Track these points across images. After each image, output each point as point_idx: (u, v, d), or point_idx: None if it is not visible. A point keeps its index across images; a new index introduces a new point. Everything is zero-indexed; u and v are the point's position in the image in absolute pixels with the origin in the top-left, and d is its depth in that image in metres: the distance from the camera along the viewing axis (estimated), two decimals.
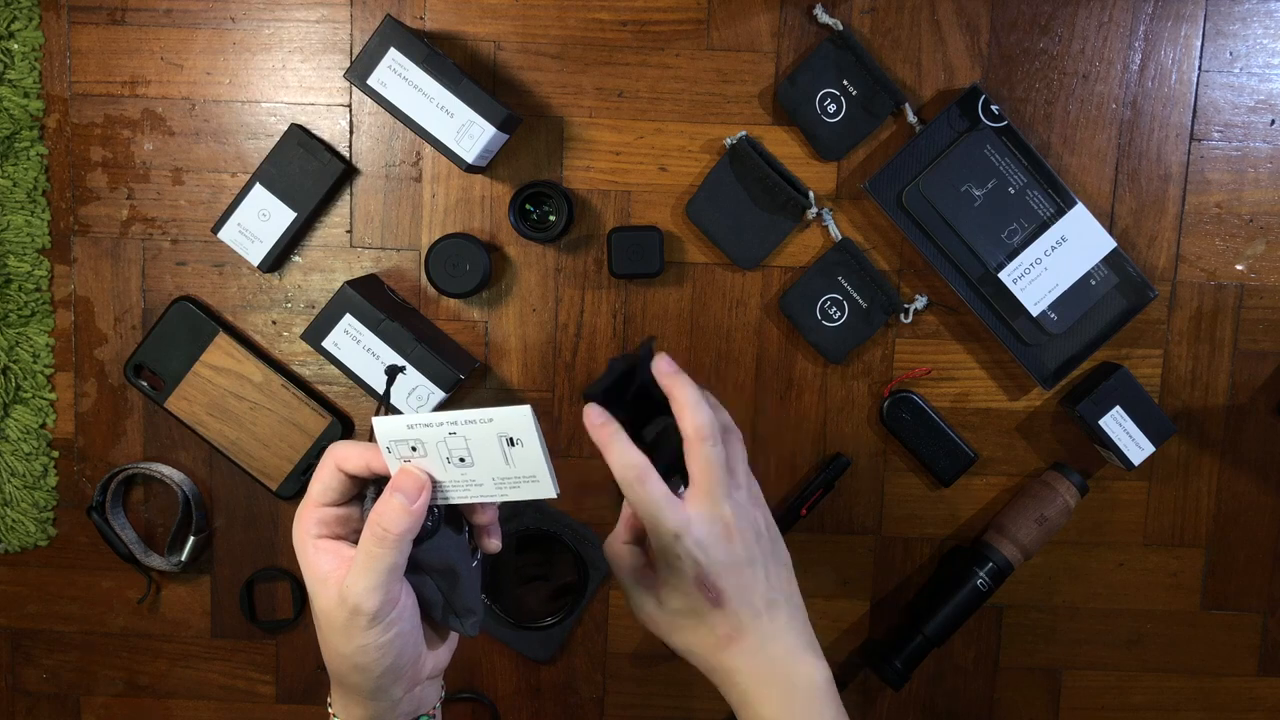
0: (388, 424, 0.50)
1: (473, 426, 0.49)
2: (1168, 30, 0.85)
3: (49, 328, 0.88)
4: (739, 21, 0.84)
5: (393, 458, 0.51)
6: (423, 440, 0.50)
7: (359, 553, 0.50)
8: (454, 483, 0.52)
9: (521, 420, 0.49)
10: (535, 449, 0.49)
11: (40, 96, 0.85)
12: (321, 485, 0.52)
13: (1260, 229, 0.87)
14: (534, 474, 0.50)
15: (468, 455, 0.50)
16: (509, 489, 0.51)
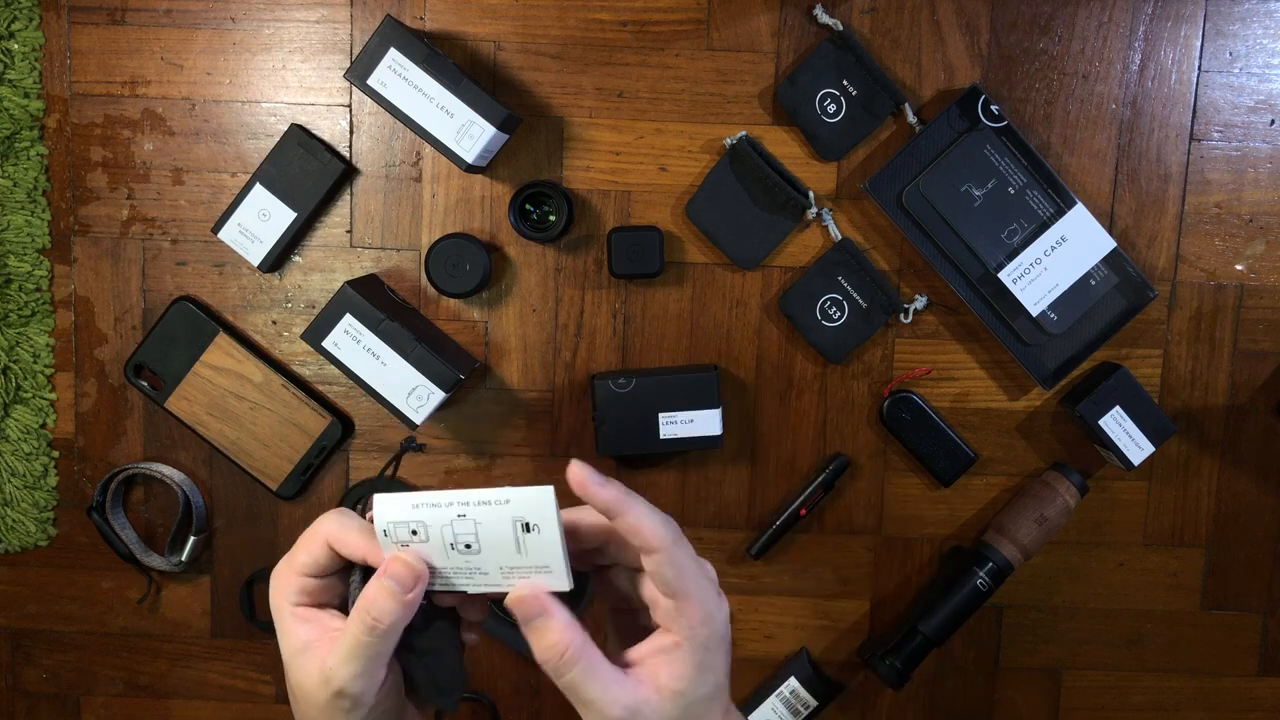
0: (391, 505, 0.46)
1: (485, 509, 0.44)
2: (1167, 30, 0.85)
3: (49, 328, 0.88)
4: (739, 22, 0.84)
5: (389, 541, 0.46)
6: (426, 523, 0.45)
7: (346, 634, 0.45)
8: (454, 569, 0.47)
9: (541, 503, 0.43)
10: (553, 536, 0.44)
11: (40, 96, 0.85)
12: (308, 557, 0.48)
13: (1260, 229, 0.87)
14: (547, 564, 0.45)
15: (475, 541, 0.45)
16: (516, 578, 0.46)
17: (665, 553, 0.44)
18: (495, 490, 0.44)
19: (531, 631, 0.45)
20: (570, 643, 0.44)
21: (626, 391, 0.83)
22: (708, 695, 0.45)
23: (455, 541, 0.46)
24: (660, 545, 0.44)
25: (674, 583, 0.44)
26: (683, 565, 0.44)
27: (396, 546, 0.46)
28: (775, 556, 0.90)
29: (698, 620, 0.45)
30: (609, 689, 0.44)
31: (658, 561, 0.44)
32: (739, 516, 0.90)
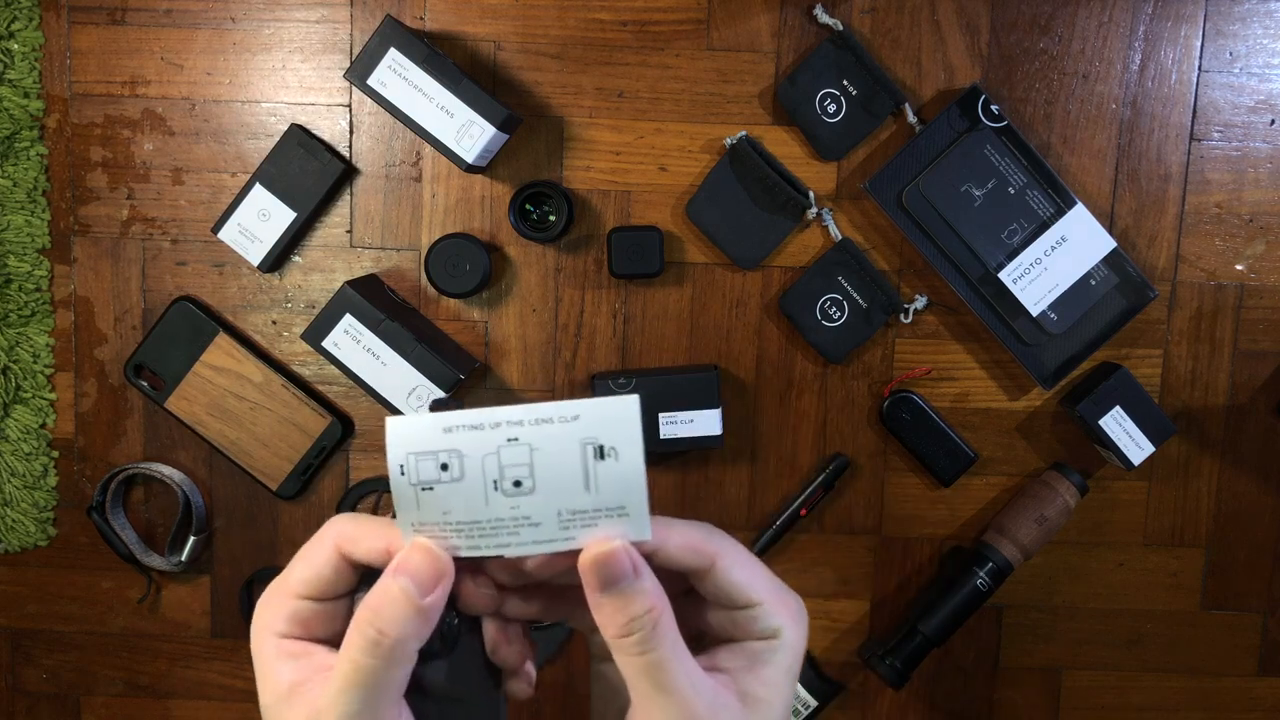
0: (412, 429, 0.34)
1: (546, 430, 0.33)
2: (1167, 30, 0.85)
3: (49, 328, 0.88)
4: (739, 21, 0.84)
5: (405, 483, 0.34)
6: (461, 453, 0.33)
7: (341, 661, 0.34)
8: (493, 523, 0.34)
9: (623, 417, 0.33)
10: (635, 464, 0.33)
11: (40, 96, 0.85)
12: (310, 570, 0.36)
13: (1260, 229, 0.87)
14: (623, 503, 0.33)
15: (528, 476, 0.33)
16: (578, 529, 0.34)
17: (729, 555, 0.37)
18: (558, 404, 0.33)
19: (614, 598, 0.34)
20: (664, 609, 0.34)
21: (626, 391, 0.83)
22: (785, 714, 0.38)
23: (501, 478, 0.33)
24: (718, 549, 0.36)
25: (751, 583, 0.37)
26: (751, 562, 0.37)
27: (415, 495, 0.34)
28: (775, 556, 0.90)
29: (789, 618, 0.37)
30: (698, 677, 0.35)
31: (725, 568, 0.36)
32: (739, 516, 0.90)
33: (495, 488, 0.34)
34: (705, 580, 0.37)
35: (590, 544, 0.34)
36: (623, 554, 0.34)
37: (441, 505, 0.34)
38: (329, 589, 0.36)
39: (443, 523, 0.34)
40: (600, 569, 0.34)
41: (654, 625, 0.34)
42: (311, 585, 0.36)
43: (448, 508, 0.34)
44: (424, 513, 0.34)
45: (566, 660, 0.92)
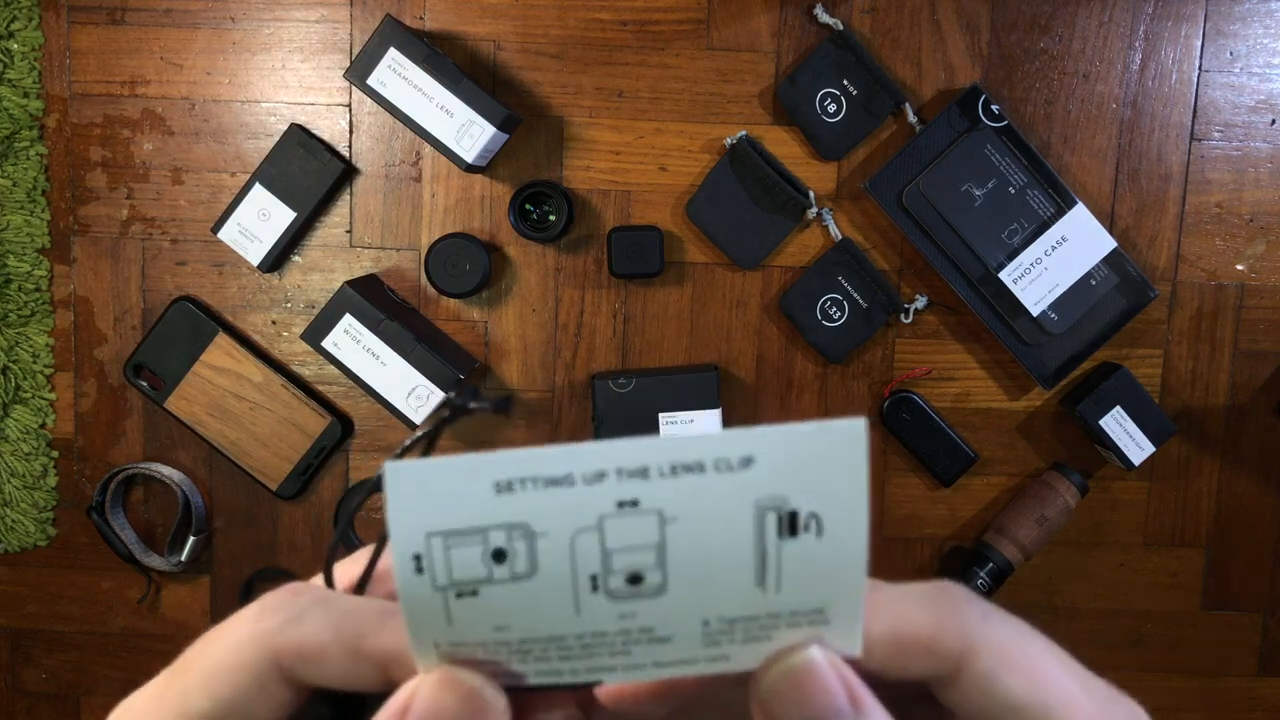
0: (432, 479, 0.19)
1: (693, 483, 0.19)
2: (1168, 30, 0.85)
3: (49, 328, 0.87)
4: (739, 21, 0.84)
5: (424, 590, 0.19)
6: (532, 529, 0.19)
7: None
8: (585, 640, 0.20)
9: (840, 459, 0.19)
10: (854, 538, 0.19)
11: (40, 96, 0.85)
12: (207, 701, 0.21)
13: (1260, 229, 0.87)
14: (823, 604, 0.20)
15: (656, 567, 0.20)
16: (736, 645, 0.20)
17: (992, 649, 0.21)
18: (713, 437, 0.19)
19: None
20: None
21: (626, 392, 0.83)
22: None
23: (607, 571, 0.20)
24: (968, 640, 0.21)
25: (1045, 697, 0.21)
26: (1036, 654, 0.22)
27: (444, 606, 0.20)
28: None
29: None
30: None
31: (986, 673, 0.21)
32: None
33: (595, 587, 0.20)
34: (952, 692, 0.21)
35: (769, 661, 0.20)
36: (829, 674, 0.20)
37: (493, 618, 0.20)
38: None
39: (494, 642, 0.20)
40: (794, 706, 0.20)
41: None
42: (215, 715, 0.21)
43: (505, 620, 0.20)
44: (459, 630, 0.20)
45: None
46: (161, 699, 0.21)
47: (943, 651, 0.20)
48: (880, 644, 0.20)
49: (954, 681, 0.20)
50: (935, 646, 0.20)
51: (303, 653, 0.20)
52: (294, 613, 0.20)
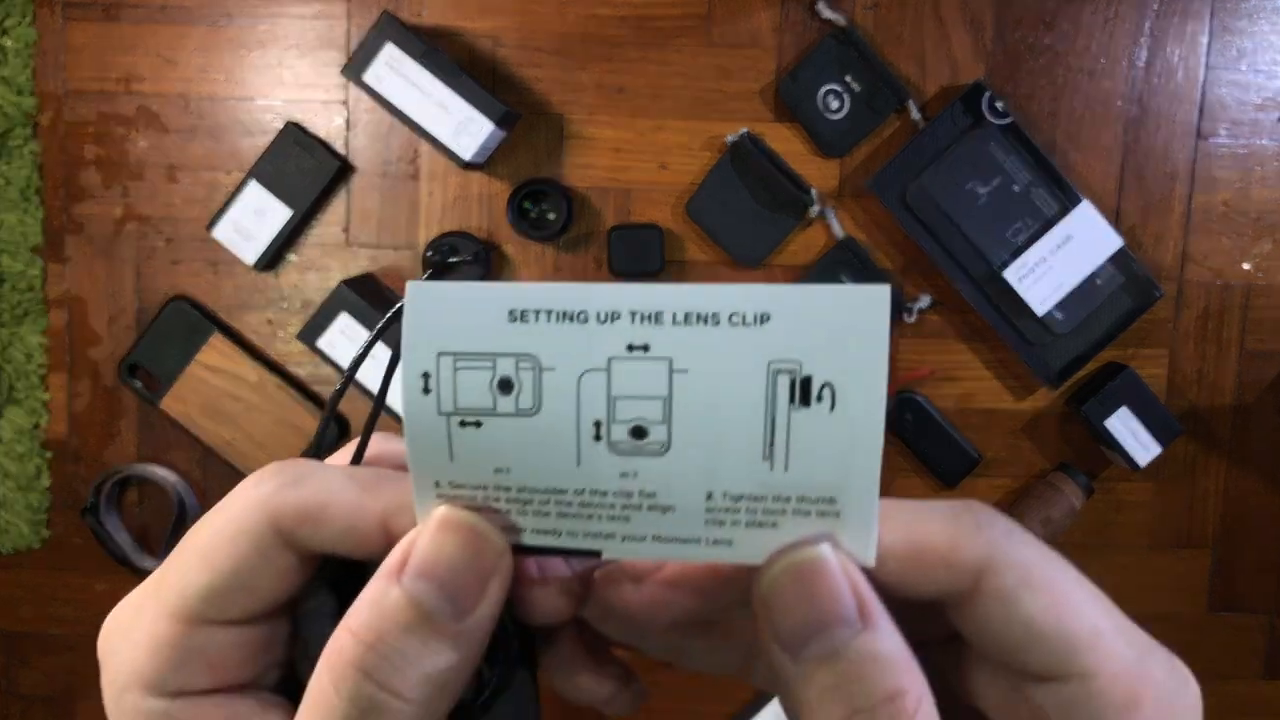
0: (449, 297, 0.19)
1: (706, 335, 0.18)
2: (1174, 26, 0.84)
3: (42, 327, 0.87)
4: (740, 17, 0.83)
5: (429, 413, 0.19)
6: (540, 361, 0.19)
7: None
8: (585, 497, 0.20)
9: (861, 322, 0.18)
10: (870, 415, 0.18)
11: (34, 93, 0.84)
12: (214, 569, 0.20)
13: (1267, 228, 0.86)
14: (833, 491, 0.19)
15: (661, 420, 0.19)
16: (739, 529, 0.20)
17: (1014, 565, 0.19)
18: (733, 289, 0.18)
19: (823, 667, 0.18)
20: (923, 696, 0.18)
21: None
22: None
23: (610, 419, 0.19)
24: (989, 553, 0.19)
25: (1068, 626, 0.19)
26: (1061, 580, 0.20)
27: (446, 433, 0.19)
28: None
29: (1156, 711, 0.19)
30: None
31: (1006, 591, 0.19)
32: None
33: (598, 435, 0.19)
34: (967, 613, 0.20)
35: (776, 555, 0.19)
36: (837, 576, 0.18)
37: (494, 456, 0.19)
38: (249, 602, 0.20)
39: (494, 486, 0.20)
40: (797, 604, 0.18)
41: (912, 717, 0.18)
42: (215, 596, 0.20)
43: (506, 461, 0.19)
44: (460, 467, 0.19)
45: None
46: (158, 586, 0.21)
47: (961, 564, 0.19)
48: (894, 553, 0.19)
49: (971, 600, 0.19)
50: (953, 558, 0.19)
51: (303, 512, 0.20)
52: (291, 477, 0.20)
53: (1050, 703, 0.19)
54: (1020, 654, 0.19)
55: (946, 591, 0.19)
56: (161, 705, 0.20)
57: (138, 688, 0.20)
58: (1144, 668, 0.19)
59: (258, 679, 0.22)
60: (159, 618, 0.20)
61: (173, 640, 0.20)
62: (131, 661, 0.20)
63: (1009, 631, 0.19)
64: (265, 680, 0.22)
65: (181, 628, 0.20)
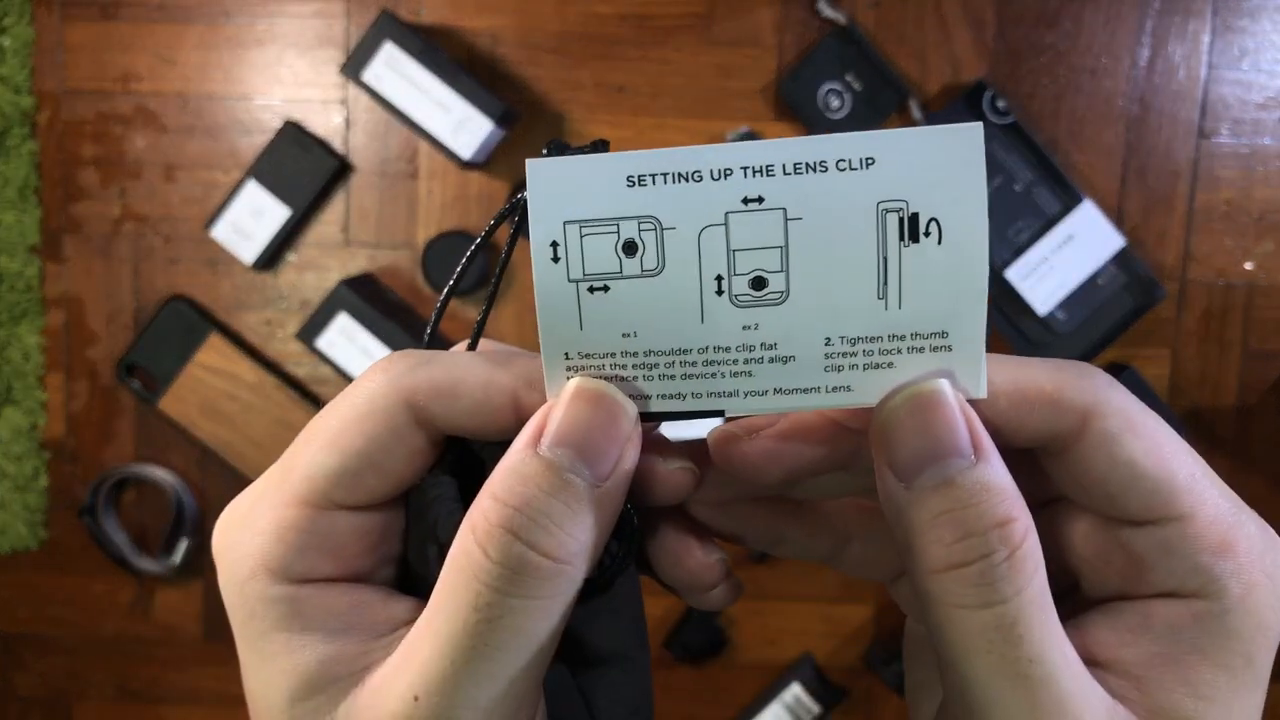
0: (571, 169, 0.20)
1: (816, 182, 0.19)
2: (1175, 25, 0.84)
3: (40, 327, 0.86)
4: (740, 15, 0.83)
5: (559, 280, 0.20)
6: (661, 221, 0.20)
7: (437, 615, 0.19)
8: (709, 355, 0.20)
9: (958, 161, 0.19)
10: (977, 247, 0.19)
11: (32, 92, 0.84)
12: (344, 450, 0.20)
13: (1270, 227, 0.86)
14: (946, 324, 0.20)
15: (779, 267, 0.20)
16: (857, 372, 0.20)
17: (1114, 414, 0.20)
18: (835, 138, 0.19)
19: (938, 495, 0.19)
20: (1029, 528, 0.19)
21: None
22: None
23: (731, 272, 0.20)
24: (1091, 401, 0.20)
25: (1166, 474, 0.20)
26: (1158, 433, 0.20)
27: (576, 300, 0.20)
28: (779, 561, 0.89)
29: (1246, 558, 0.20)
30: (1077, 669, 0.19)
31: (1107, 437, 0.20)
32: None
33: (720, 289, 0.20)
34: (1070, 458, 0.20)
35: (894, 390, 0.20)
36: (954, 409, 0.19)
37: (622, 320, 0.20)
38: (378, 483, 0.21)
39: (621, 353, 0.20)
40: (914, 434, 0.19)
41: (1011, 554, 0.18)
42: (346, 476, 0.20)
43: (632, 325, 0.20)
44: (589, 335, 0.20)
45: None
46: (283, 473, 0.21)
47: (1067, 406, 0.19)
48: (1005, 392, 0.20)
49: (1075, 442, 0.20)
50: (1060, 400, 0.19)
51: (437, 387, 0.20)
52: (421, 359, 0.21)
53: (1146, 546, 0.20)
54: (1121, 497, 0.20)
55: (1054, 432, 0.20)
56: (288, 591, 0.20)
57: (263, 574, 0.20)
58: (1238, 517, 0.20)
59: (375, 570, 0.22)
60: (284, 504, 0.20)
61: (299, 524, 0.20)
62: (256, 548, 0.20)
63: (1112, 473, 0.19)
64: (381, 575, 0.22)
65: (309, 512, 0.20)
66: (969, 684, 0.19)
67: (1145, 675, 0.19)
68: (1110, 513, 0.20)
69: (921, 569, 0.19)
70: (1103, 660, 0.20)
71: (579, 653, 0.23)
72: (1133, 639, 0.20)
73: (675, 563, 0.23)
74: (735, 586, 0.24)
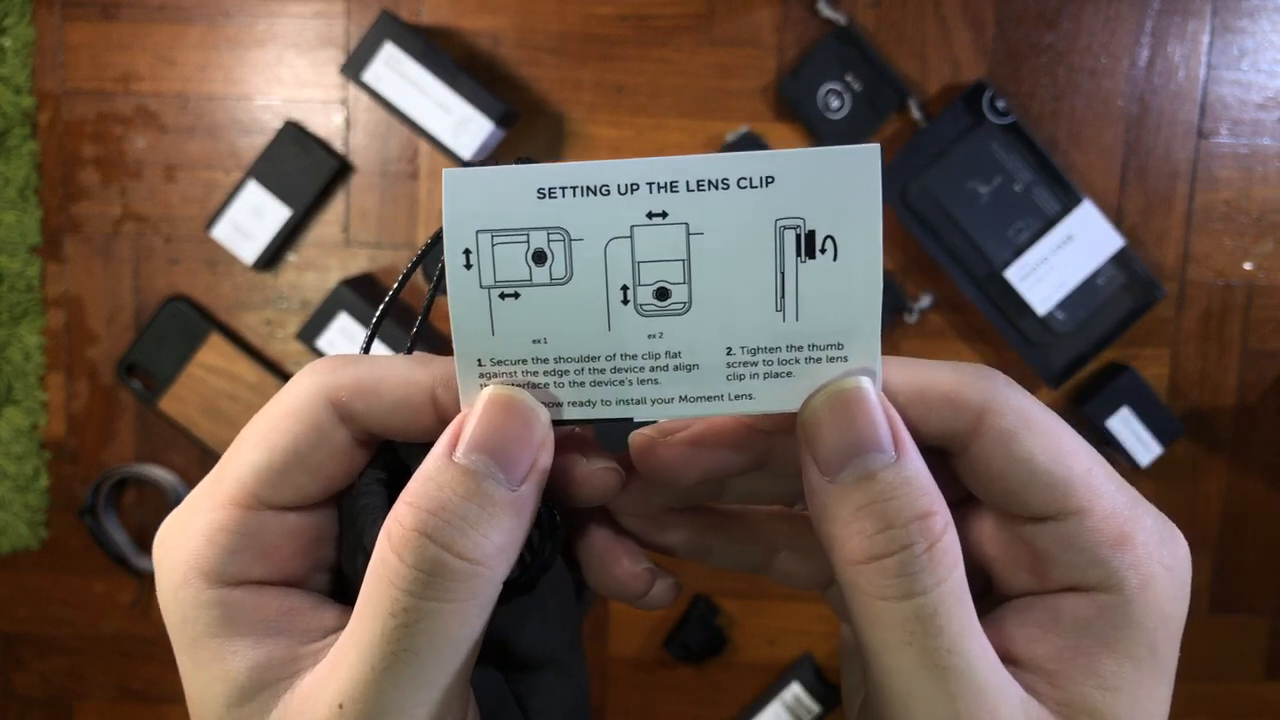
0: (483, 179, 0.20)
1: (717, 199, 0.20)
2: (1175, 25, 0.84)
3: (40, 327, 0.86)
4: (740, 15, 0.83)
5: (470, 286, 0.21)
6: (569, 232, 0.20)
7: (362, 622, 0.19)
8: (616, 362, 0.21)
9: (856, 178, 0.20)
10: (870, 261, 0.20)
11: (32, 93, 0.84)
12: (272, 451, 0.21)
13: (1269, 227, 0.86)
14: (842, 335, 0.21)
15: (682, 279, 0.21)
16: (758, 380, 0.21)
17: (1008, 411, 0.20)
18: (738, 157, 0.20)
19: (858, 489, 0.19)
20: (947, 521, 0.20)
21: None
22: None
23: (636, 282, 0.21)
24: (987, 399, 0.20)
25: (1059, 468, 0.20)
26: (1054, 429, 0.21)
27: (487, 306, 0.21)
28: None
29: (1145, 551, 0.20)
30: (994, 662, 0.20)
31: (1002, 434, 0.20)
32: None
33: (625, 299, 0.20)
34: (971, 455, 0.21)
35: (820, 387, 0.20)
36: (875, 406, 0.20)
37: (532, 327, 0.21)
38: (307, 481, 0.21)
39: (532, 359, 0.21)
40: (837, 430, 0.20)
41: (930, 547, 0.19)
42: (274, 474, 0.21)
43: (542, 332, 0.21)
44: (501, 341, 0.21)
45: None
46: (215, 479, 0.21)
47: (964, 404, 0.20)
48: (904, 391, 0.20)
49: (975, 440, 0.20)
50: (957, 399, 0.20)
51: (357, 385, 0.21)
52: (344, 360, 0.21)
53: (1048, 541, 0.20)
54: (1021, 493, 0.20)
55: (953, 430, 0.20)
56: (220, 594, 0.20)
57: (196, 577, 0.20)
58: (1135, 511, 0.20)
59: (308, 577, 0.22)
60: (216, 507, 0.21)
61: (230, 525, 0.21)
62: (189, 553, 0.20)
63: (1011, 470, 0.20)
64: (315, 583, 0.22)
65: (239, 513, 0.21)
66: (889, 675, 0.19)
67: (1056, 669, 0.20)
68: (1012, 509, 0.21)
69: (843, 561, 0.19)
70: (1016, 656, 0.21)
71: (510, 656, 0.23)
72: (1042, 634, 0.20)
73: (604, 571, 0.24)
74: (672, 587, 0.24)
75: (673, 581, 0.25)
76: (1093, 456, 0.21)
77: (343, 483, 0.22)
